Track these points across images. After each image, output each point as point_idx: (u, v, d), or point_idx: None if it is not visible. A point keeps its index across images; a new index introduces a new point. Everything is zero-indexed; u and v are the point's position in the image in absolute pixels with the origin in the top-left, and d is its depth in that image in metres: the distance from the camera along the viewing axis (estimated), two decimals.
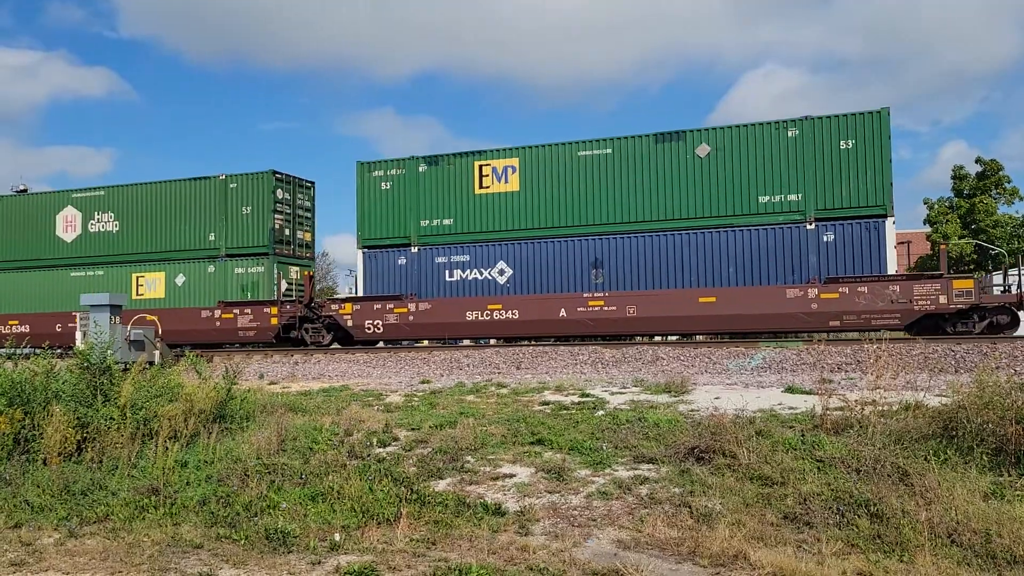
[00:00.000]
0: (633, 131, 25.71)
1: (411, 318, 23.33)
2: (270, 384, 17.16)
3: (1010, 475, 7.83)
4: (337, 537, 7.71)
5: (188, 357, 13.33)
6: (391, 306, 23.53)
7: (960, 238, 45.48)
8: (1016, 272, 23.65)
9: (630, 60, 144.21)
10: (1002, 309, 19.52)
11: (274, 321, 24.63)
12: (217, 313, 25.45)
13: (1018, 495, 7.42)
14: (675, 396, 12.83)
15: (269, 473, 9.53)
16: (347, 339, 24.31)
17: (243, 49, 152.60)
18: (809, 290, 20.15)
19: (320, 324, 24.45)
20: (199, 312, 25.71)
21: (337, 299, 25.93)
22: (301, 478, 9.38)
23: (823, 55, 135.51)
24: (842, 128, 20.49)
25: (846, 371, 15.19)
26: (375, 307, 23.62)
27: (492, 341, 26.24)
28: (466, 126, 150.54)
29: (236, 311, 25.22)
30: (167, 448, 10.14)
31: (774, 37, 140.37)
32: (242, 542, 7.81)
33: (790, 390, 12.97)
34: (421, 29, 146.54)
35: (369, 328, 23.67)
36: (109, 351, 12.10)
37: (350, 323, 23.81)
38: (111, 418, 10.63)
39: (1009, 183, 46.55)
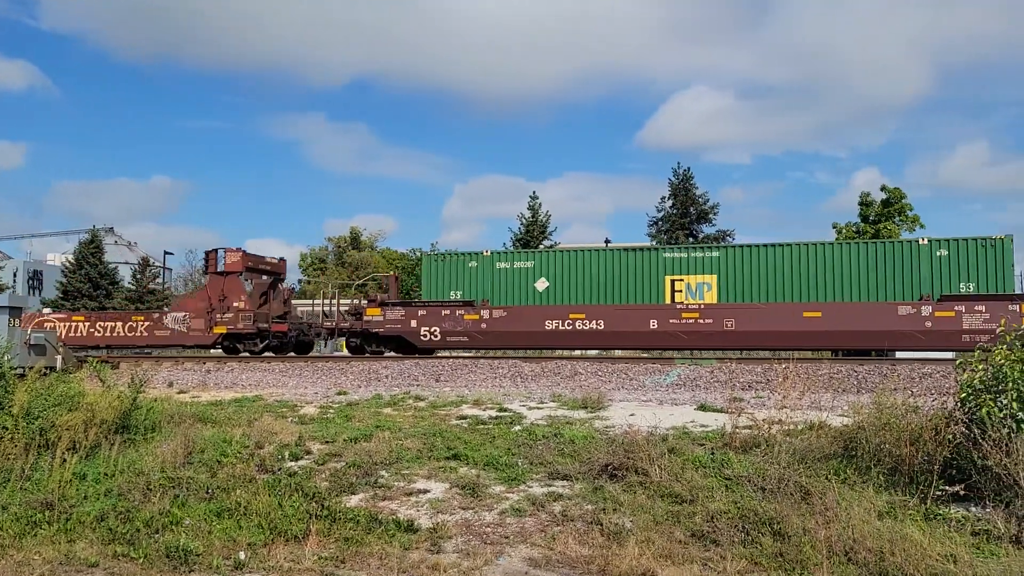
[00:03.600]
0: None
1: None
2: (179, 393, 16.61)
3: (904, 495, 8.17)
4: (242, 555, 7.50)
5: (91, 363, 12.81)
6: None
7: None
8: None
9: (567, 76, 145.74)
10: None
11: None
12: None
13: (910, 515, 7.76)
14: (591, 412, 12.97)
15: (173, 487, 9.22)
16: None
17: (173, 48, 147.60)
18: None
19: None
20: None
21: None
22: (207, 492, 9.10)
23: (751, 81, 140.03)
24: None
25: (756, 389, 15.63)
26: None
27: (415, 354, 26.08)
28: (398, 135, 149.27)
29: None
30: (64, 460, 9.70)
31: (705, 61, 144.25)
32: (141, 560, 7.52)
33: (703, 408, 13.26)
34: (358, 35, 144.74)
35: None
36: (6, 356, 11.52)
37: None
38: (4, 427, 10.11)
39: (911, 211, 48.77)
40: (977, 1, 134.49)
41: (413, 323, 22.82)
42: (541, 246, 45.98)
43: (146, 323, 24.36)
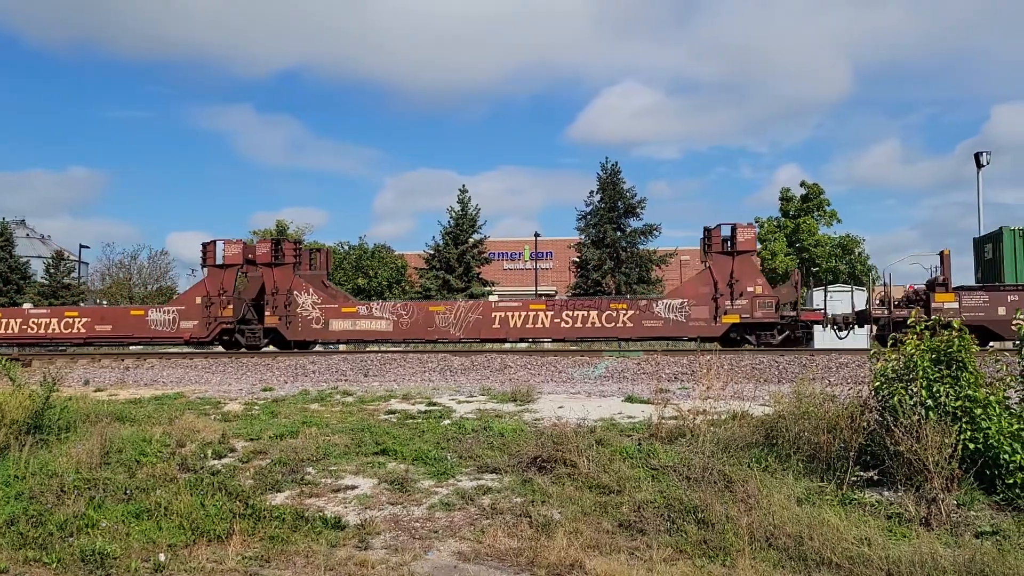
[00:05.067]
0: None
1: None
2: (96, 391, 16.03)
3: (821, 481, 8.46)
4: (162, 557, 7.28)
5: None
6: None
7: (786, 255, 48.87)
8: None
9: (501, 71, 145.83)
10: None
11: None
12: None
13: (827, 500, 8.03)
14: (520, 405, 13.01)
15: (89, 488, 8.89)
16: None
17: (91, 34, 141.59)
18: None
19: None
20: None
21: None
22: (125, 493, 8.80)
23: (680, 77, 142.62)
24: None
25: (681, 381, 15.93)
26: None
27: (342, 347, 25.69)
28: (329, 127, 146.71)
29: None
30: None
31: (635, 56, 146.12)
32: (54, 565, 7.23)
33: (630, 399, 13.45)
34: (287, 25, 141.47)
35: None
36: None
37: None
38: None
39: (829, 206, 50.50)
40: (892, 5, 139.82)
41: (1001, 310, 19.00)
42: (470, 240, 45.91)
43: (629, 312, 20.80)
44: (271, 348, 24.74)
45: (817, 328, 22.67)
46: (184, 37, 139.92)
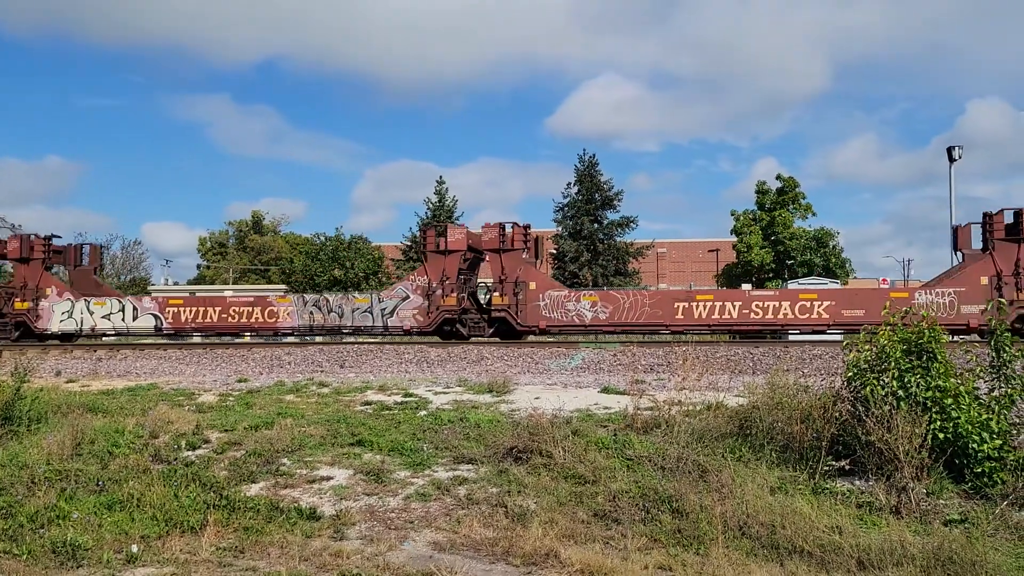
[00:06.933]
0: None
1: None
2: (68, 382, 15.84)
3: (794, 471, 8.55)
4: (135, 548, 7.21)
5: None
6: None
7: (761, 248, 49.19)
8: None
9: (481, 63, 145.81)
10: None
11: None
12: None
13: (799, 489, 8.13)
14: (497, 396, 13.03)
15: (61, 480, 8.80)
16: None
17: (66, 22, 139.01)
18: None
19: None
20: None
21: None
22: (98, 485, 8.71)
23: (660, 71, 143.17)
24: None
25: (657, 372, 16.00)
26: None
27: (318, 339, 25.54)
28: (307, 118, 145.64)
29: None
30: None
31: (615, 50, 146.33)
32: (24, 557, 7.13)
33: (606, 390, 13.50)
34: (266, 15, 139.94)
35: None
36: None
37: None
38: None
39: (804, 199, 50.81)
40: (868, 1, 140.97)
41: None
42: None
43: None
44: (247, 338, 24.44)
45: None
46: (161, 25, 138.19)
